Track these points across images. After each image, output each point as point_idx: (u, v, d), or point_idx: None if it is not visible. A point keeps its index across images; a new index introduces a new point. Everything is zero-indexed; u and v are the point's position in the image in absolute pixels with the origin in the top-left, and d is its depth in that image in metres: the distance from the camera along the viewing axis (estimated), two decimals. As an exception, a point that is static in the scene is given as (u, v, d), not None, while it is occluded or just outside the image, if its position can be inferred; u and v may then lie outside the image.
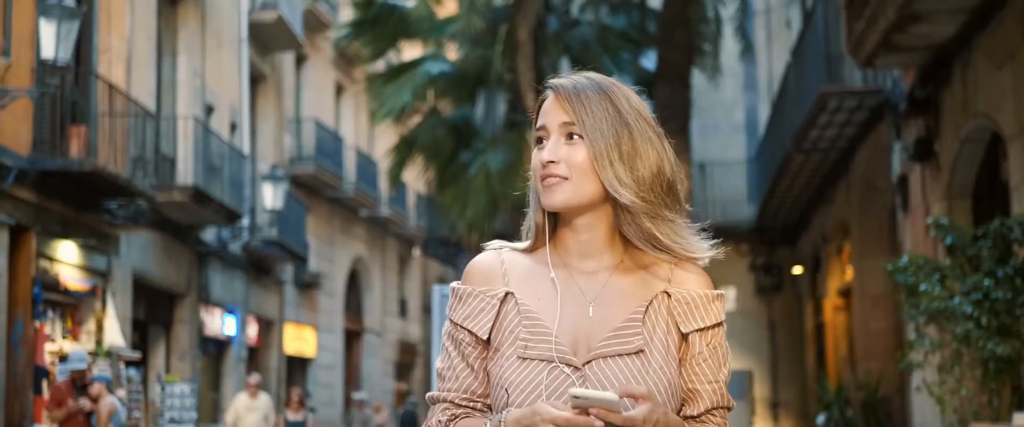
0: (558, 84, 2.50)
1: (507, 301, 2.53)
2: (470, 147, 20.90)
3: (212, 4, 22.98)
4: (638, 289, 2.50)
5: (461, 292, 2.58)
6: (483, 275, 2.58)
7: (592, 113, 2.43)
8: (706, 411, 2.49)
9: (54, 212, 16.21)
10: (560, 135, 2.46)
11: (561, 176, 2.45)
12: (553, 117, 2.48)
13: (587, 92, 2.46)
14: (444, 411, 2.52)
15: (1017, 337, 8.24)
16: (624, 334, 2.45)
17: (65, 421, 13.15)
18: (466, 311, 2.56)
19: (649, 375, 2.42)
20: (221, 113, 23.35)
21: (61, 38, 14.10)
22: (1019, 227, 8.56)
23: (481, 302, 2.54)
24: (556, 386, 2.39)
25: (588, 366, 2.42)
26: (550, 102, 2.50)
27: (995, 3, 9.97)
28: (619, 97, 2.46)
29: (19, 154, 15.19)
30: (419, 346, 39.20)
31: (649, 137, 2.45)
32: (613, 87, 2.48)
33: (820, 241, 20.46)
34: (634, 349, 2.44)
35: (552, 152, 2.44)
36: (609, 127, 2.42)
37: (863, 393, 15.77)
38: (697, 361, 2.49)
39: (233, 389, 23.72)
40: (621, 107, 2.45)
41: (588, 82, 2.48)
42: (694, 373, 2.49)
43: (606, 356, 2.43)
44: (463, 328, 2.55)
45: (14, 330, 15.13)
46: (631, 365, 2.43)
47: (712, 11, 19.95)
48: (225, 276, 23.74)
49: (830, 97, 14.62)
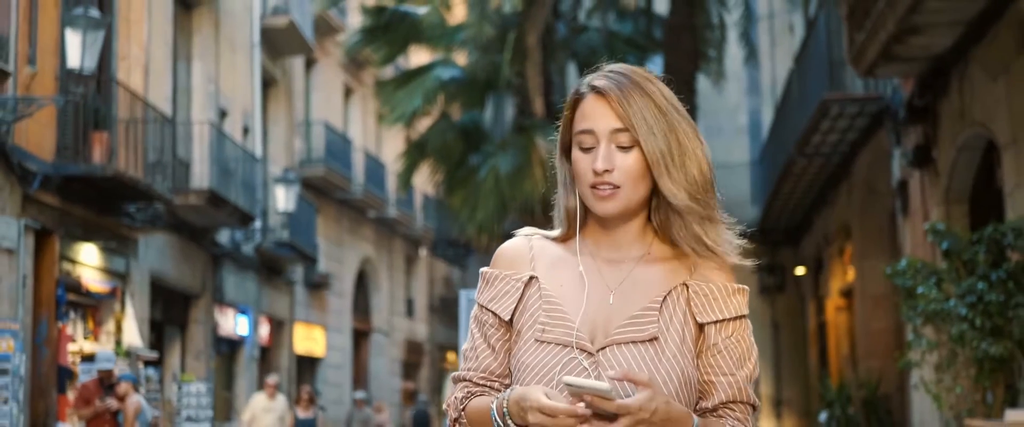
0: (604, 86, 2.46)
1: (531, 285, 2.55)
2: (479, 151, 21.30)
3: (225, 10, 23.40)
4: (660, 280, 2.51)
5: (489, 275, 2.61)
6: (510, 259, 2.61)
7: (643, 119, 2.42)
8: (722, 404, 2.50)
9: (76, 216, 16.64)
10: (610, 142, 2.45)
11: (615, 185, 2.45)
12: (602, 123, 2.45)
13: (633, 94, 2.44)
14: (462, 389, 2.56)
15: (1009, 338, 8.65)
16: (639, 322, 2.47)
17: (92, 419, 13.56)
18: (491, 293, 2.59)
19: (662, 363, 2.44)
20: (234, 117, 23.77)
21: (86, 47, 14.52)
22: (1012, 232, 8.98)
23: (506, 285, 2.57)
24: (569, 370, 2.43)
25: (602, 352, 2.44)
26: (595, 105, 2.47)
27: (990, 17, 10.39)
28: (657, 94, 2.45)
29: (44, 160, 15.62)
30: (426, 345, 39.61)
31: (689, 133, 2.46)
32: (649, 84, 2.47)
33: (822, 242, 20.81)
34: (648, 337, 2.45)
35: (607, 161, 2.43)
36: (660, 132, 2.42)
37: (864, 391, 16.11)
38: (713, 353, 2.50)
39: (246, 388, 24.14)
40: (662, 106, 2.44)
41: (629, 82, 2.46)
42: (710, 365, 2.50)
43: (620, 343, 2.45)
44: (487, 310, 2.58)
45: (38, 331, 15.55)
46: (644, 352, 2.44)
47: (717, 17, 20.37)
48: (238, 277, 24.16)
49: (832, 104, 15.01)
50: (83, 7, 14.86)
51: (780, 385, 24.67)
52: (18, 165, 14.84)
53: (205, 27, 22.62)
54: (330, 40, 30.50)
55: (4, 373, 13.71)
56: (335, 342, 31.21)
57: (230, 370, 24.61)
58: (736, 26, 20.86)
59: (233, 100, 23.75)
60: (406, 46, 21.85)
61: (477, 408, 2.51)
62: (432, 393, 39.29)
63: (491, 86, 20.69)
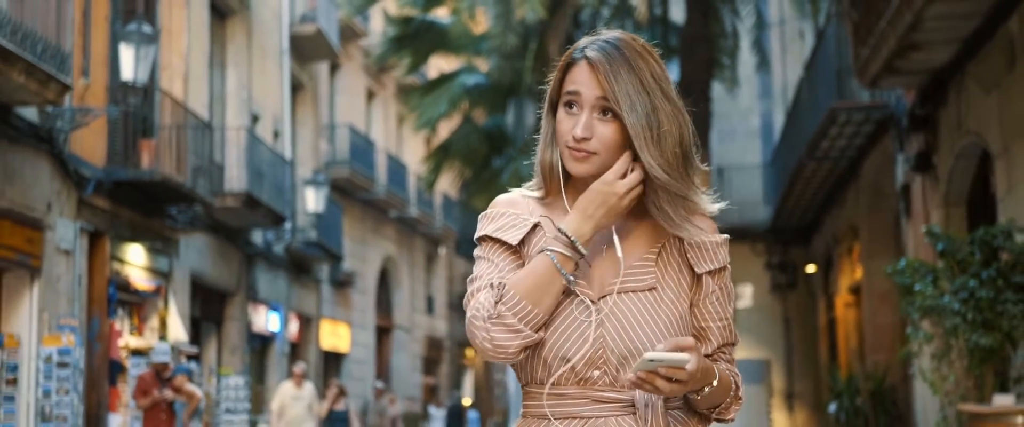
0: (594, 57, 2.51)
1: (536, 230, 2.59)
2: (502, 154, 22.24)
3: (257, 19, 24.34)
4: (652, 233, 2.58)
5: (492, 214, 2.64)
6: (510, 203, 2.65)
7: (626, 94, 2.46)
8: (717, 349, 2.61)
9: (124, 218, 17.57)
10: (592, 110, 2.50)
11: (591, 151, 2.51)
12: (587, 90, 2.50)
13: (622, 70, 2.48)
14: (483, 292, 2.51)
15: (999, 330, 9.52)
16: (638, 272, 2.54)
17: (150, 409, 14.49)
18: (497, 225, 2.60)
19: (661, 311, 2.53)
20: (265, 122, 24.70)
21: (139, 61, 15.46)
22: (1002, 234, 9.87)
23: (513, 220, 2.60)
24: (576, 315, 2.50)
25: (602, 300, 2.52)
26: (584, 72, 2.51)
27: (983, 36, 11.27)
28: (644, 71, 2.49)
29: (96, 166, 16.56)
30: (445, 342, 40.51)
31: (670, 112, 2.49)
32: (639, 60, 2.50)
33: (831, 242, 21.53)
34: (646, 286, 2.54)
35: (586, 129, 2.49)
36: (641, 107, 2.46)
37: (871, 383, 16.78)
38: (709, 301, 2.59)
39: (277, 382, 25.01)
40: (647, 83, 2.48)
41: (619, 55, 2.50)
42: (706, 312, 2.59)
43: (620, 291, 2.52)
44: (495, 239, 2.59)
45: (92, 327, 16.49)
46: (644, 301, 2.53)
47: (730, 26, 21.21)
48: (270, 275, 25.09)
49: (840, 111, 15.85)
50: (136, 23, 15.79)
51: (792, 378, 25.29)
52: (74, 171, 15.78)
53: (238, 35, 23.55)
54: (354, 45, 31.44)
55: (65, 366, 14.66)
56: (359, 338, 32.10)
57: (262, 365, 25.53)
58: (749, 34, 21.68)
59: (264, 105, 24.67)
60: (431, 54, 22.75)
61: (522, 276, 2.49)
62: (451, 389, 40.21)
63: (513, 91, 21.54)
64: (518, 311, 2.45)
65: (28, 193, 14.62)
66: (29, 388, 14.61)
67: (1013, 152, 10.81)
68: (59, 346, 14.66)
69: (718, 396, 2.54)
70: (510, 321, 2.45)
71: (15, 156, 14.31)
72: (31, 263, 14.67)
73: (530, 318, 2.45)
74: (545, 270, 2.46)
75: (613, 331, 2.49)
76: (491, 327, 2.45)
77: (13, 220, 14.21)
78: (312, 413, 19.99)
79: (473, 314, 2.49)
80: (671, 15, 22.60)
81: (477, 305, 2.49)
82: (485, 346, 2.46)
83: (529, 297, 2.45)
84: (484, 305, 2.47)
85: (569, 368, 2.50)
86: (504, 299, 2.46)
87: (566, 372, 2.51)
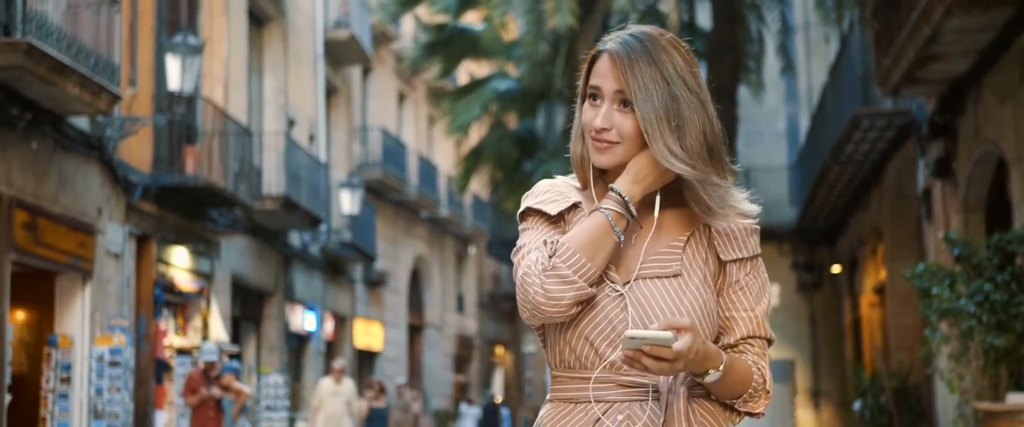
0: (614, 50, 2.57)
1: (576, 209, 2.65)
2: (533, 157, 22.76)
3: (293, 25, 24.92)
4: (681, 220, 2.63)
5: (534, 191, 2.72)
6: (551, 185, 2.72)
7: (644, 87, 2.50)
8: (742, 339, 2.62)
9: (169, 222, 18.17)
10: (612, 101, 2.55)
11: (612, 141, 2.56)
12: (607, 82, 2.55)
13: (640, 63, 2.51)
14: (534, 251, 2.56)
15: (1012, 331, 10.03)
16: (663, 259, 2.58)
17: (198, 407, 15.07)
18: (539, 199, 2.67)
19: (685, 297, 2.55)
20: (301, 126, 25.28)
21: (185, 71, 16.06)
22: (1016, 240, 10.36)
23: (555, 195, 2.66)
24: (604, 303, 2.55)
25: (628, 286, 2.55)
26: (605, 65, 2.57)
27: (999, 48, 11.74)
28: (667, 64, 2.52)
29: (142, 172, 17.16)
30: (475, 340, 41.06)
31: (694, 104, 2.53)
32: (662, 53, 2.54)
33: (856, 243, 21.95)
34: (671, 273, 2.56)
35: (606, 119, 2.55)
36: (659, 99, 2.49)
37: (895, 381, 17.23)
38: (734, 290, 2.62)
39: (313, 380, 25.57)
40: (669, 75, 2.51)
41: (640, 48, 2.54)
42: (731, 301, 2.62)
43: (645, 277, 2.56)
44: (536, 211, 2.65)
45: (139, 327, 17.10)
46: (668, 287, 2.56)
47: (756, 32, 21.67)
48: (306, 276, 25.68)
49: (862, 117, 16.31)
50: (182, 35, 16.38)
51: (818, 377, 25.72)
52: (123, 177, 16.38)
53: (275, 42, 24.13)
54: (385, 48, 32.01)
55: (116, 365, 15.27)
56: (392, 337, 32.65)
57: (298, 363, 26.11)
58: (774, 39, 22.13)
59: (300, 110, 25.25)
60: (462, 59, 23.30)
61: (576, 232, 2.55)
62: (481, 386, 40.76)
63: (544, 96, 22.07)
64: (572, 263, 2.48)
65: (80, 199, 15.22)
66: (82, 386, 15.21)
67: (1027, 160, 11.29)
68: (111, 346, 15.26)
69: (734, 386, 2.55)
70: (565, 273, 2.48)
71: (68, 164, 14.91)
72: (83, 266, 15.27)
73: (584, 271, 2.49)
74: (599, 226, 2.51)
75: (636, 316, 2.53)
76: (545, 279, 2.48)
77: (67, 225, 14.81)
78: (350, 409, 20.27)
79: (525, 271, 2.52)
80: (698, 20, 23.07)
81: (529, 262, 2.52)
82: (538, 299, 2.48)
83: (584, 251, 2.49)
84: (538, 261, 2.51)
85: (594, 352, 2.55)
86: (558, 252, 2.50)
87: (592, 356, 2.55)
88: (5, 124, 13.30)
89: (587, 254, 2.49)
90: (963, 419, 10.94)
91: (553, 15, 18.36)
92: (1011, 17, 11.15)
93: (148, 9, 17.39)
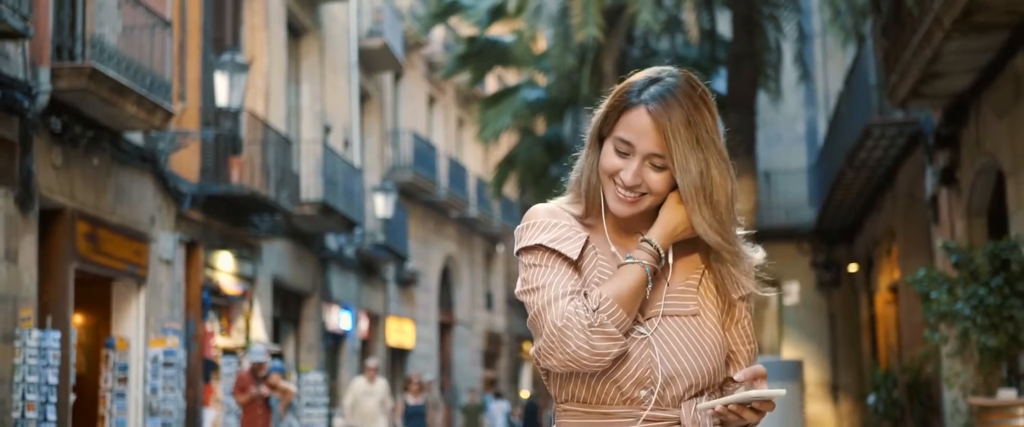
0: (655, 110, 2.49)
1: (587, 245, 2.60)
2: (559, 162, 23.69)
3: (329, 36, 25.87)
4: (692, 258, 2.62)
5: (539, 223, 2.60)
6: (551, 214, 2.62)
7: (684, 156, 2.47)
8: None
9: (215, 228, 19.14)
10: (644, 162, 2.51)
11: (640, 195, 2.53)
12: (643, 143, 2.49)
13: (680, 128, 2.47)
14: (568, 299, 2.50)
15: (1005, 332, 10.90)
16: (681, 297, 2.57)
17: (247, 404, 16.02)
18: (552, 236, 2.56)
19: (705, 335, 2.56)
20: (336, 132, 26.23)
21: (232, 88, 17.02)
22: (1010, 248, 11.22)
23: (566, 232, 2.57)
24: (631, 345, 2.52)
25: (648, 322, 2.54)
26: (644, 123, 2.49)
27: (997, 68, 12.59)
28: (701, 126, 2.49)
29: (190, 181, 18.13)
30: (504, 337, 41.92)
31: (720, 164, 2.52)
32: (696, 112, 2.49)
33: (871, 243, 22.69)
34: (690, 312, 2.57)
35: (636, 178, 2.51)
36: (696, 169, 2.48)
37: (908, 376, 18.01)
38: (740, 326, 2.64)
39: (348, 378, 26.47)
40: (701, 138, 2.49)
41: (678, 107, 2.48)
42: (738, 336, 2.64)
43: (667, 315, 2.55)
44: (551, 250, 2.55)
45: (188, 329, 18.06)
46: (689, 325, 2.56)
47: (774, 40, 22.47)
48: (342, 277, 26.62)
49: (874, 127, 17.14)
50: (229, 53, 17.36)
51: (837, 371, 26.39)
52: (173, 188, 17.35)
53: (312, 52, 25.08)
54: (416, 54, 32.93)
55: (170, 365, 16.24)
56: (423, 334, 33.52)
57: (334, 362, 27.03)
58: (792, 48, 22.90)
59: (335, 116, 26.20)
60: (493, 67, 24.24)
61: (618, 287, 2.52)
62: (510, 382, 41.61)
63: (571, 102, 22.98)
64: (616, 319, 2.46)
65: (135, 210, 16.20)
66: (137, 386, 16.19)
67: (1021, 173, 12.13)
68: (164, 348, 16.23)
69: (756, 420, 2.56)
70: (611, 330, 2.45)
71: (124, 177, 15.89)
72: (138, 273, 16.25)
73: (625, 326, 2.48)
74: (639, 281, 2.50)
75: (660, 353, 2.52)
76: (592, 336, 2.44)
77: (124, 234, 15.80)
78: (384, 408, 20.66)
79: (565, 323, 2.45)
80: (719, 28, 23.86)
81: (566, 313, 2.46)
82: (581, 354, 2.45)
83: (625, 306, 2.48)
84: (578, 313, 2.46)
85: (616, 387, 2.52)
86: (602, 307, 2.46)
87: (613, 391, 2.53)
88: (69, 142, 14.28)
89: (627, 309, 2.49)
90: (961, 413, 11.82)
91: (580, 29, 19.23)
92: (1007, 40, 11.99)
93: (195, 27, 18.36)
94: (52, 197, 14.01)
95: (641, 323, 2.53)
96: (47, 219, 14.09)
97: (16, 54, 13.08)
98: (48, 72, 13.45)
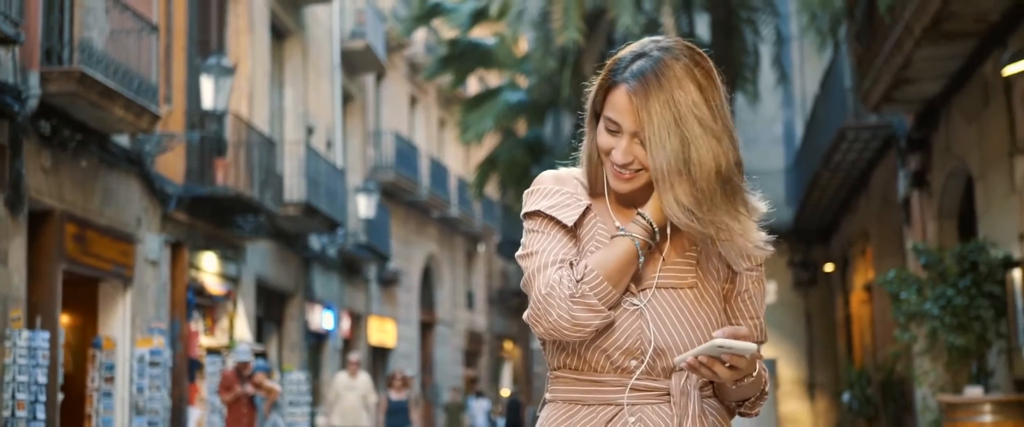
0: (631, 89, 2.46)
1: (589, 212, 2.59)
2: (541, 162, 23.97)
3: (312, 38, 26.11)
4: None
5: (542, 189, 2.61)
6: (558, 180, 2.64)
7: (657, 133, 2.43)
8: None
9: (200, 229, 19.39)
10: (631, 139, 2.49)
11: (634, 172, 2.52)
12: (625, 121, 2.48)
13: (655, 104, 2.43)
14: (555, 268, 2.50)
15: (972, 332, 11.23)
16: (679, 269, 2.55)
17: (232, 403, 16.26)
18: (551, 202, 2.58)
19: (702, 308, 2.55)
20: (319, 133, 26.48)
21: (218, 91, 17.27)
22: (977, 250, 11.55)
23: (567, 199, 2.58)
24: (622, 317, 2.51)
25: (643, 292, 2.53)
26: (623, 101, 2.48)
27: (966, 74, 12.92)
28: (682, 101, 2.43)
29: (176, 183, 18.37)
30: (485, 335, 42.20)
31: (707, 140, 2.44)
32: (676, 88, 2.44)
33: (847, 244, 23.00)
34: (688, 284, 2.55)
35: (626, 155, 2.49)
36: (671, 147, 2.43)
37: (881, 374, 18.33)
38: (743, 298, 2.61)
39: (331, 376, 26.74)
40: (682, 114, 2.43)
41: (656, 84, 2.44)
42: (740, 310, 2.61)
43: (662, 287, 2.54)
44: (549, 217, 2.56)
45: (173, 329, 18.30)
46: (685, 297, 2.55)
47: (752, 44, 22.77)
48: (324, 277, 26.87)
49: (849, 130, 17.47)
50: (214, 57, 17.60)
51: (813, 369, 26.70)
52: (159, 190, 17.59)
53: (295, 55, 25.32)
54: (398, 55, 33.17)
55: (156, 365, 16.48)
56: (404, 333, 33.73)
57: (317, 361, 27.26)
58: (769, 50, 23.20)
59: (318, 117, 26.44)
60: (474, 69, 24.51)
61: (604, 258, 2.50)
62: (490, 381, 41.91)
63: (552, 104, 23.27)
64: (600, 292, 2.45)
65: (122, 211, 16.44)
66: (124, 385, 16.43)
67: (989, 177, 12.46)
68: (150, 347, 16.47)
69: (750, 389, 2.57)
70: (593, 302, 2.45)
71: (111, 179, 16.13)
72: (125, 273, 16.49)
73: (610, 299, 2.47)
74: (627, 254, 2.48)
75: (652, 324, 2.51)
76: (573, 306, 2.44)
77: (111, 236, 16.05)
78: (366, 403, 20.59)
79: (548, 291, 2.46)
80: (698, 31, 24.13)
81: (551, 282, 2.47)
82: (561, 324, 2.46)
83: (611, 279, 2.46)
84: (562, 283, 2.46)
85: (605, 357, 2.52)
86: (586, 279, 2.45)
87: (602, 360, 2.52)
88: (58, 145, 14.52)
89: (613, 281, 2.47)
90: (930, 410, 12.15)
91: (561, 32, 19.52)
92: (975, 47, 12.32)
93: (181, 30, 18.60)
94: (41, 199, 14.24)
95: (635, 294, 2.52)
96: (36, 221, 14.33)
97: (7, 59, 13.31)
98: (37, 76, 13.68)
